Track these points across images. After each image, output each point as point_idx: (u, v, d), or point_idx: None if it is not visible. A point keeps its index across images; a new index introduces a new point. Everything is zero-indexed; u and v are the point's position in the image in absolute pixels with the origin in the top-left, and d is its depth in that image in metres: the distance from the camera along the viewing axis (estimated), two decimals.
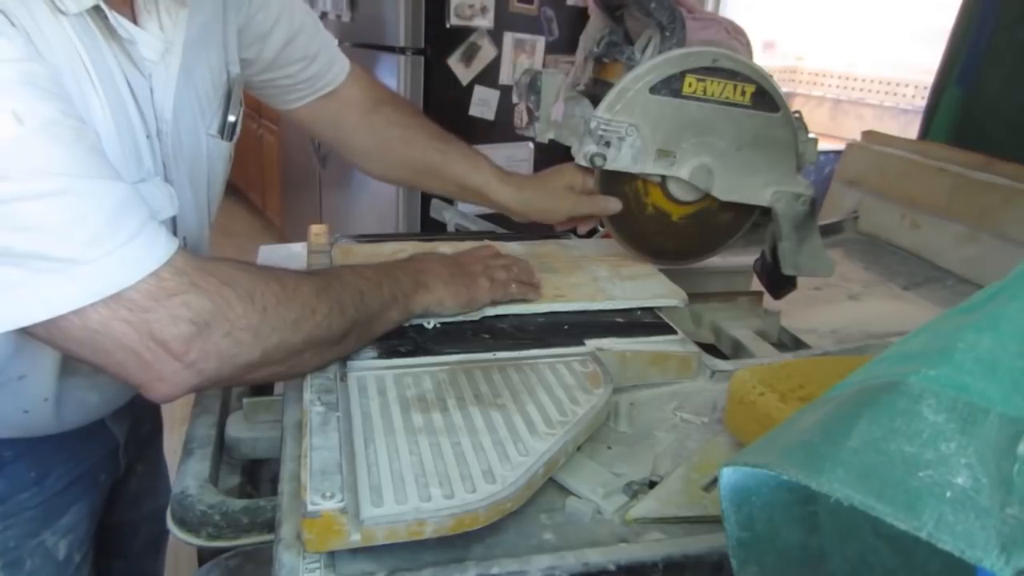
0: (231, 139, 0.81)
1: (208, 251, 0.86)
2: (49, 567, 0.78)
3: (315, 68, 0.91)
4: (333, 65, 0.93)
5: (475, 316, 0.78)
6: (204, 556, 0.71)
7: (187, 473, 0.68)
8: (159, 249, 0.54)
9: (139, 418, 0.91)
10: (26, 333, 0.53)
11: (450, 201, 1.17)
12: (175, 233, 0.74)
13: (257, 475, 0.80)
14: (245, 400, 0.77)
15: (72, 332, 0.52)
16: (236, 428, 0.76)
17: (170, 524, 0.64)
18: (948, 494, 0.27)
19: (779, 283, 0.94)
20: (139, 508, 0.96)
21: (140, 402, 0.90)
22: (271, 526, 0.63)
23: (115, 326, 0.52)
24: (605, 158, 0.83)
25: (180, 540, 0.64)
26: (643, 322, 0.82)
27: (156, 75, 0.67)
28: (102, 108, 0.60)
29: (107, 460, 0.85)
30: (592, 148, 0.83)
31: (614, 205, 0.90)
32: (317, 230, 0.96)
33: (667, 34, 0.83)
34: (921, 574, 0.38)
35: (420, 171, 0.98)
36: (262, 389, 0.88)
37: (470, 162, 0.96)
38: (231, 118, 0.80)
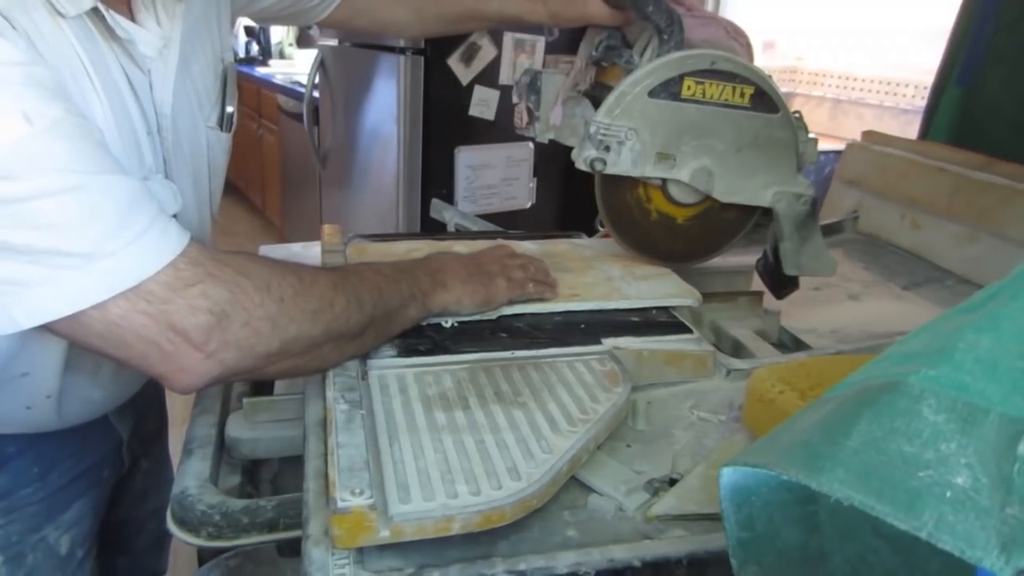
0: (230, 130, 0.82)
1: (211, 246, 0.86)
2: (51, 562, 0.79)
3: None
4: None
5: (492, 315, 0.78)
6: (204, 556, 0.71)
7: (187, 473, 0.68)
8: (173, 240, 0.55)
9: (143, 415, 0.91)
10: (44, 329, 0.53)
11: (449, 200, 1.17)
12: None
13: (257, 475, 0.80)
14: (245, 400, 0.77)
15: (93, 326, 0.53)
16: (236, 428, 0.76)
17: (170, 524, 0.64)
18: (948, 494, 0.27)
19: (781, 283, 0.94)
20: (144, 505, 0.96)
21: (143, 399, 0.90)
22: (271, 526, 0.63)
23: (135, 318, 0.53)
24: (605, 162, 0.83)
25: (180, 540, 0.64)
26: (658, 321, 0.82)
27: (155, 70, 0.68)
28: (103, 108, 0.61)
29: (111, 456, 0.86)
30: (592, 153, 0.83)
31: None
32: (330, 230, 0.97)
33: (665, 37, 0.83)
34: (921, 574, 0.38)
35: (456, 20, 1.02)
36: (261, 389, 0.88)
37: None
38: (229, 109, 0.80)
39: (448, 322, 0.76)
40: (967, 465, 0.28)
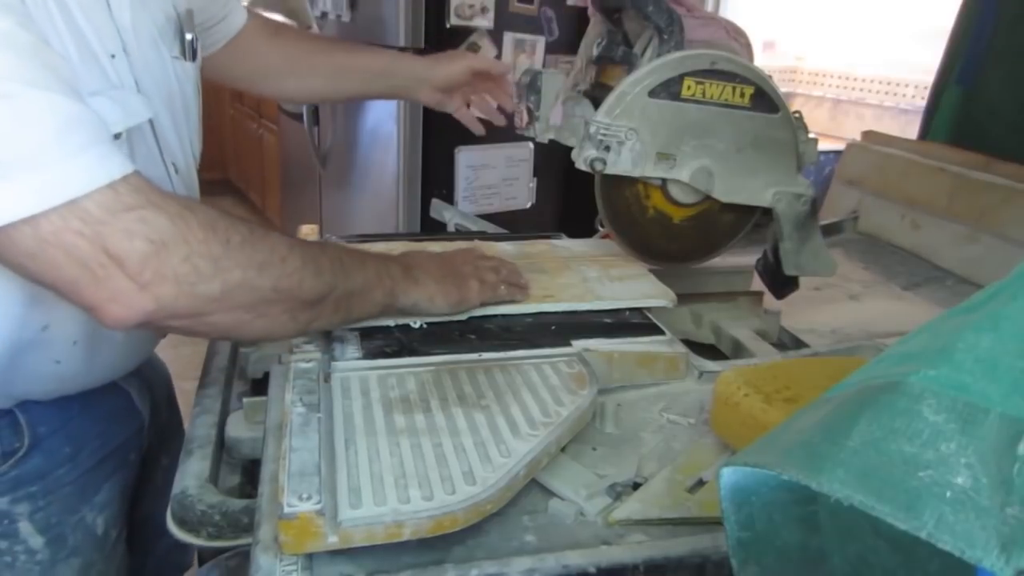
0: (194, 59, 0.81)
1: (198, 193, 0.85)
2: (90, 542, 0.80)
3: (225, 10, 0.95)
4: (234, 4, 0.98)
5: (462, 316, 0.78)
6: (204, 556, 0.71)
7: (187, 473, 0.68)
8: (114, 165, 0.53)
9: (157, 401, 0.93)
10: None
11: (449, 200, 1.17)
12: (161, 152, 0.74)
13: (257, 475, 0.80)
14: (245, 400, 0.77)
15: (23, 243, 0.51)
16: (236, 428, 0.76)
17: (170, 524, 0.64)
18: (948, 494, 0.27)
19: (781, 283, 0.94)
20: (165, 501, 0.97)
21: (157, 382, 0.93)
22: None
23: (67, 237, 0.51)
24: (605, 162, 0.83)
25: (180, 540, 0.64)
26: (631, 323, 0.82)
27: None
28: (52, 19, 0.59)
29: (135, 439, 0.87)
30: (592, 153, 0.83)
31: (501, 67, 1.03)
32: (307, 230, 0.97)
33: (665, 37, 0.83)
34: (921, 574, 0.38)
35: (331, 75, 1.04)
36: (261, 389, 0.88)
37: (373, 51, 1.05)
38: (188, 36, 0.79)
39: (417, 323, 0.76)
40: (967, 465, 0.28)
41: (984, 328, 0.32)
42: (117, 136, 0.64)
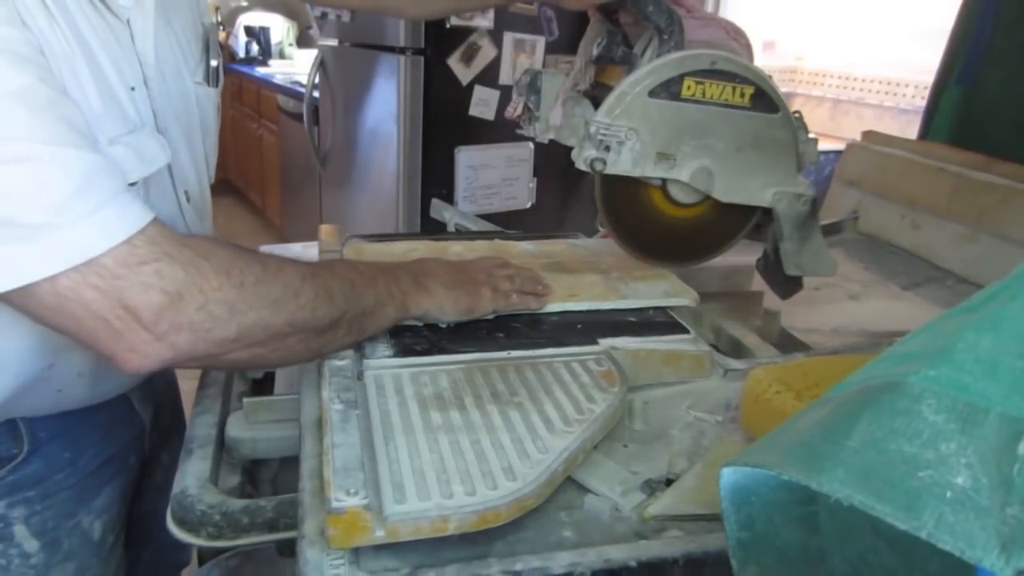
0: (217, 85, 0.82)
1: (210, 210, 0.86)
2: (85, 547, 0.80)
3: None
4: None
5: (490, 315, 0.78)
6: (204, 556, 0.71)
7: (187, 473, 0.68)
8: (132, 218, 0.54)
9: (160, 404, 0.93)
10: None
11: (449, 200, 1.17)
12: (174, 186, 0.75)
13: (257, 475, 0.80)
14: (245, 400, 0.77)
15: (42, 298, 0.52)
16: (236, 428, 0.76)
17: (170, 524, 0.64)
18: (948, 494, 0.27)
19: (785, 284, 0.94)
20: (165, 499, 0.97)
21: (161, 386, 0.93)
22: (271, 526, 0.64)
23: (85, 292, 0.52)
24: (605, 163, 0.83)
25: (180, 540, 0.64)
26: (656, 321, 0.82)
27: (134, 19, 0.67)
28: (72, 60, 0.59)
29: (135, 442, 0.87)
30: (592, 153, 0.83)
31: None
32: (327, 230, 0.96)
33: (665, 37, 0.82)
34: (921, 574, 0.38)
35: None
36: (261, 389, 0.88)
37: None
38: (213, 63, 0.80)
39: (444, 323, 0.76)
40: (967, 465, 0.28)
41: (984, 328, 0.32)
42: (133, 184, 0.64)
